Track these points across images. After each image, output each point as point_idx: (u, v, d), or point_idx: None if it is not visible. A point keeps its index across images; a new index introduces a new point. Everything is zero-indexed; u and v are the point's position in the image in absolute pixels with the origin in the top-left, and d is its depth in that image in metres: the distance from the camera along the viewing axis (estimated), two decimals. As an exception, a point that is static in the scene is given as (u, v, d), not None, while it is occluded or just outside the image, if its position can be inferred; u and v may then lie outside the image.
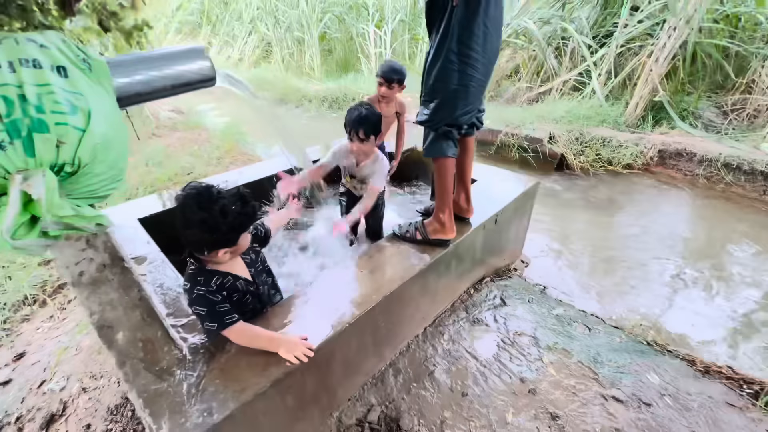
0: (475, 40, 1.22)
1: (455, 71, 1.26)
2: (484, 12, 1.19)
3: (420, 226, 1.54)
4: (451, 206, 1.51)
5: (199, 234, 0.94)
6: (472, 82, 1.30)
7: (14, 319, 2.08)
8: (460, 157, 1.59)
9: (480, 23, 1.20)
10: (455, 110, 1.33)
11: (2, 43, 0.92)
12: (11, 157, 0.81)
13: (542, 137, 3.69)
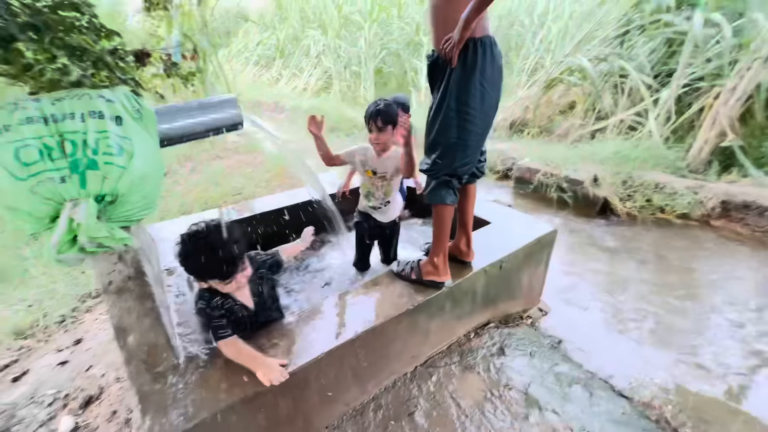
0: (472, 98, 1.30)
1: (454, 126, 1.35)
2: (481, 73, 1.27)
3: (416, 266, 1.59)
4: (446, 251, 1.56)
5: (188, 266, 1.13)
6: (470, 137, 1.37)
7: (80, 308, 2.47)
8: (462, 202, 1.64)
9: (476, 83, 1.28)
10: (454, 161, 1.41)
11: (81, 98, 1.21)
12: (68, 188, 1.06)
13: (584, 179, 3.53)
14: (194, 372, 1.17)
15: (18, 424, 1.73)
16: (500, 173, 4.58)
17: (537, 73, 6.52)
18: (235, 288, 1.22)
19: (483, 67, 1.25)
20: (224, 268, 1.14)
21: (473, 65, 1.24)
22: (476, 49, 1.22)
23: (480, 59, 1.23)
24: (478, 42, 1.22)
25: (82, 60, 1.43)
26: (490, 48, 1.25)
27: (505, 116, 6.17)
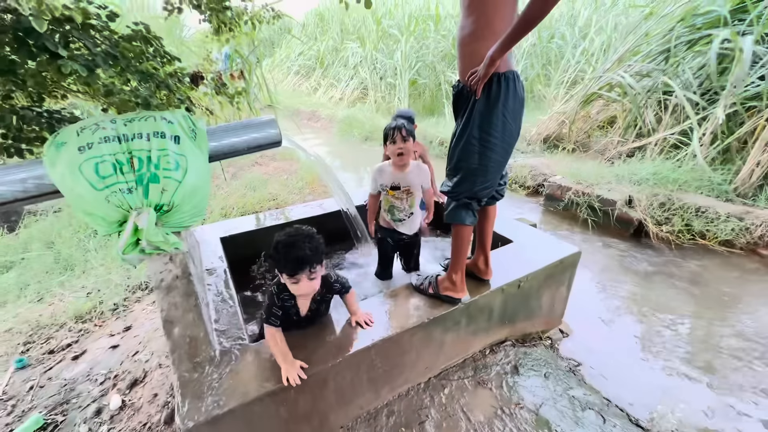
0: (494, 128, 1.37)
1: (476, 153, 1.42)
2: (503, 105, 1.35)
3: (433, 282, 1.67)
4: (464, 268, 1.62)
5: (272, 256, 1.32)
6: (491, 163, 1.44)
7: (131, 299, 2.74)
8: (481, 223, 1.70)
9: (499, 114, 1.35)
10: (474, 185, 1.48)
11: (147, 120, 1.41)
12: (134, 198, 1.24)
13: (617, 199, 3.43)
14: (227, 365, 1.31)
15: (76, 398, 1.97)
16: (530, 189, 4.53)
17: (576, 87, 6.39)
18: (299, 292, 1.33)
19: (506, 99, 1.33)
20: (292, 264, 1.26)
21: (497, 98, 1.32)
22: (500, 82, 1.30)
23: (503, 92, 1.31)
24: (502, 76, 1.30)
25: (148, 82, 1.65)
26: (513, 82, 1.32)
27: (540, 131, 6.09)
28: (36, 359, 2.24)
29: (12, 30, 1.26)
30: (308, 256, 1.27)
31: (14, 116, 1.53)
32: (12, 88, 1.51)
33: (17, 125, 1.54)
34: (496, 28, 1.25)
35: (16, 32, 1.28)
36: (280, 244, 1.30)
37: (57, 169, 1.24)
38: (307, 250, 1.27)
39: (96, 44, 1.53)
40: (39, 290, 2.76)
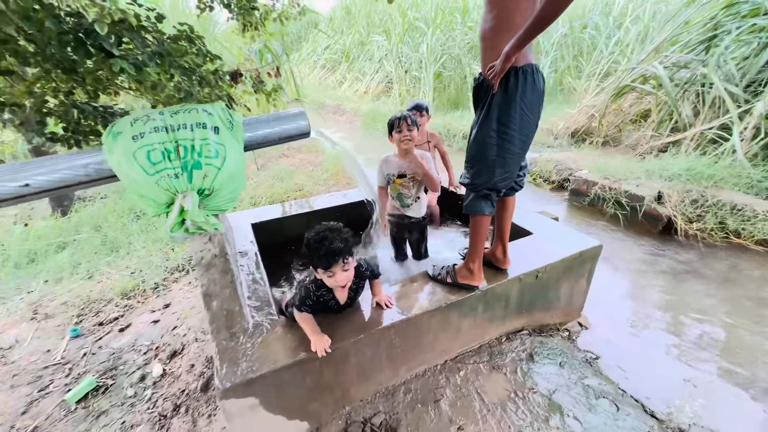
0: (512, 120, 1.41)
1: (494, 145, 1.46)
2: (521, 98, 1.38)
3: (451, 271, 1.73)
4: (482, 257, 1.67)
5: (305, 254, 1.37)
6: (509, 155, 1.48)
7: (169, 279, 2.96)
8: (500, 214, 1.74)
9: (517, 107, 1.39)
10: (493, 176, 1.52)
11: (191, 112, 1.54)
12: (180, 182, 1.38)
13: (645, 195, 3.34)
14: (260, 336, 1.44)
15: (123, 365, 2.19)
16: (555, 184, 4.47)
17: (608, 79, 6.17)
18: (336, 284, 1.39)
19: (523, 92, 1.36)
20: (326, 258, 1.31)
21: (514, 91, 1.36)
22: (518, 76, 1.33)
23: (521, 85, 1.34)
24: (520, 70, 1.33)
25: (191, 79, 1.79)
26: (532, 75, 1.35)
27: (568, 124, 5.94)
28: (88, 330, 2.48)
29: (74, 32, 1.41)
30: (340, 249, 1.32)
31: (75, 110, 1.71)
32: (73, 85, 1.68)
33: (77, 119, 1.72)
34: (515, 22, 1.28)
35: (77, 33, 1.43)
36: (311, 240, 1.34)
37: (114, 156, 1.39)
38: (338, 243, 1.32)
39: (145, 44, 1.68)
40: (89, 269, 3.03)
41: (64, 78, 1.58)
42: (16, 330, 2.48)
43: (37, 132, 1.58)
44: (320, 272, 1.36)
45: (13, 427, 1.84)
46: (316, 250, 1.33)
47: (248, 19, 2.35)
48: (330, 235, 1.34)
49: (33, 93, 1.54)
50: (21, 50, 1.34)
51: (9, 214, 4.02)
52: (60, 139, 1.68)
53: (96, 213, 3.71)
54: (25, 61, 1.38)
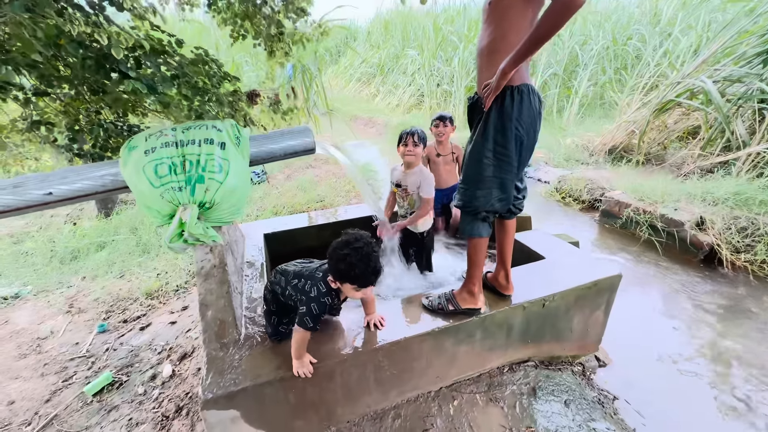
0: (508, 140, 1.36)
1: (490, 166, 1.41)
2: (517, 119, 1.33)
3: (451, 297, 1.65)
4: (481, 279, 1.60)
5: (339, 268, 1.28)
6: (507, 176, 1.42)
7: (190, 282, 3.11)
8: (499, 237, 1.67)
9: (513, 128, 1.34)
10: (490, 198, 1.46)
11: (201, 128, 1.63)
12: (183, 195, 1.45)
13: (685, 220, 3.06)
14: (249, 348, 1.46)
15: (138, 363, 2.31)
16: (586, 203, 4.22)
17: (653, 93, 5.79)
18: (359, 296, 1.36)
19: (519, 113, 1.31)
20: (373, 278, 1.27)
21: (510, 110, 1.31)
22: (513, 96, 1.29)
23: (516, 106, 1.29)
24: (515, 90, 1.28)
25: (210, 101, 1.90)
26: (528, 95, 1.30)
27: (605, 141, 5.63)
28: (113, 326, 2.66)
29: (95, 56, 1.55)
30: (381, 268, 1.29)
31: (100, 129, 1.86)
32: (101, 105, 1.84)
33: (104, 136, 1.87)
34: (511, 40, 1.24)
35: (98, 57, 1.56)
36: (354, 257, 1.24)
37: (127, 169, 1.49)
38: (380, 261, 1.29)
39: (164, 67, 1.80)
40: (122, 268, 3.26)
41: (93, 99, 1.74)
42: (53, 321, 2.71)
43: (67, 148, 1.74)
44: (349, 286, 1.30)
45: (36, 413, 1.99)
46: (364, 268, 1.25)
47: (276, 45, 2.47)
48: (375, 254, 1.28)
49: (67, 112, 1.71)
50: (47, 73, 1.49)
51: (62, 214, 4.44)
52: (87, 155, 1.84)
53: (134, 216, 4.00)
54: (50, 83, 1.53)
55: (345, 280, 1.29)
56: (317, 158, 5.83)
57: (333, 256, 1.30)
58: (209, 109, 1.79)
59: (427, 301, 1.71)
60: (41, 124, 1.68)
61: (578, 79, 7.29)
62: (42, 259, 3.41)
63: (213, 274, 1.56)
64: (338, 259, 1.27)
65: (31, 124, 1.77)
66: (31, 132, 1.81)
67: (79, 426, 1.90)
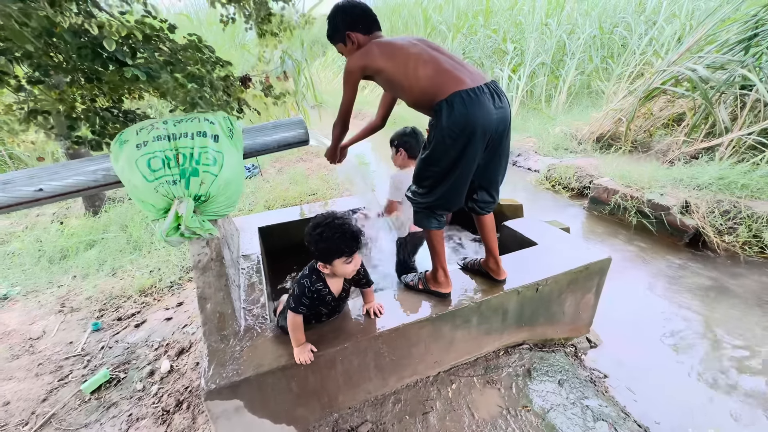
0: (440, 152, 1.39)
1: (436, 170, 1.45)
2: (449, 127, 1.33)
3: (423, 278, 1.73)
4: (445, 267, 1.66)
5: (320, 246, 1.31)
6: (445, 170, 1.44)
7: (184, 278, 3.09)
8: (480, 230, 1.72)
9: (448, 136, 1.35)
10: (433, 197, 1.51)
11: (193, 121, 1.61)
12: (177, 189, 1.44)
13: (671, 205, 3.15)
14: (249, 339, 1.47)
15: (135, 359, 2.30)
16: (575, 191, 4.29)
17: (639, 81, 5.88)
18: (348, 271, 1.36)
19: (447, 124, 1.33)
20: (353, 243, 1.30)
21: (441, 125, 1.35)
22: (441, 110, 1.33)
23: (446, 119, 1.32)
24: (444, 103, 1.32)
25: (203, 85, 1.87)
26: (460, 104, 1.31)
27: (592, 129, 5.71)
28: (107, 324, 2.63)
29: (90, 45, 1.51)
30: (359, 231, 1.32)
31: (97, 116, 1.83)
32: (96, 93, 1.80)
33: (100, 123, 1.84)
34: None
35: (94, 46, 1.53)
36: (328, 231, 1.28)
37: (119, 163, 1.47)
38: (357, 227, 1.32)
39: (158, 54, 1.77)
40: (113, 266, 3.22)
41: (88, 86, 1.71)
42: (45, 322, 2.67)
43: (65, 136, 1.71)
44: (338, 262, 1.32)
45: (33, 413, 1.98)
46: (340, 236, 1.28)
47: (264, 27, 2.44)
48: (346, 221, 1.31)
49: (64, 100, 1.67)
50: (43, 63, 1.46)
51: (48, 213, 4.34)
52: (84, 142, 1.81)
53: (123, 213, 3.93)
54: (46, 72, 1.50)
55: (332, 257, 1.32)
56: (308, 151, 5.79)
57: (310, 240, 1.33)
58: (204, 95, 1.76)
59: (405, 278, 1.82)
60: (38, 113, 1.65)
61: (566, 68, 7.34)
62: (30, 259, 3.34)
63: (210, 267, 1.56)
64: (315, 240, 1.31)
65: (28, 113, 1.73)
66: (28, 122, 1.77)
67: (78, 424, 1.89)
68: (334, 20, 1.58)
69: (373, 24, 1.58)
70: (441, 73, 1.35)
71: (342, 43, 1.59)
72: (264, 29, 2.37)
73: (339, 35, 1.59)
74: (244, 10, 2.33)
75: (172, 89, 1.84)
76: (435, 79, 1.35)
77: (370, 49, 1.48)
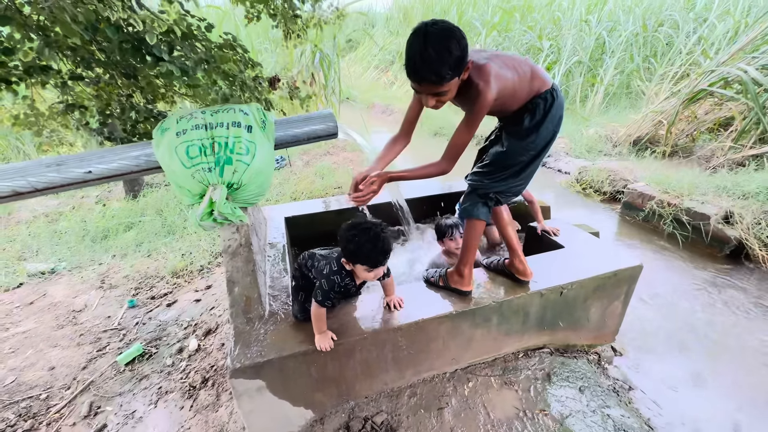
0: (542, 138, 1.44)
1: (524, 159, 1.48)
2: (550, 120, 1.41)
3: (443, 274, 1.73)
4: (473, 263, 1.65)
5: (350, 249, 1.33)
6: (524, 165, 1.48)
7: (213, 263, 3.22)
8: (499, 225, 1.72)
9: (549, 128, 1.42)
10: (504, 183, 1.52)
11: (228, 111, 1.67)
12: (212, 176, 1.51)
13: (711, 214, 2.97)
14: (273, 324, 1.53)
15: (166, 337, 2.43)
16: (607, 195, 4.13)
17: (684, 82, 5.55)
18: (371, 278, 1.40)
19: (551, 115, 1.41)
20: (381, 258, 1.33)
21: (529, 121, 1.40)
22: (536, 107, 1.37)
23: (541, 114, 1.38)
24: (539, 99, 1.37)
25: (234, 84, 1.95)
26: (552, 100, 1.38)
27: (630, 131, 5.45)
28: (142, 302, 2.79)
29: (132, 40, 1.61)
30: (391, 248, 1.34)
31: (131, 112, 1.93)
32: (133, 89, 1.91)
33: (133, 121, 1.94)
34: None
35: (135, 42, 1.62)
36: (362, 238, 1.30)
37: (160, 150, 1.56)
38: (390, 243, 1.34)
39: (194, 51, 1.85)
40: (149, 248, 3.41)
41: (126, 83, 1.81)
42: (87, 296, 2.86)
43: (99, 132, 1.82)
44: (360, 267, 1.35)
45: (75, 378, 2.14)
46: (371, 248, 1.30)
47: (291, 27, 2.49)
48: (384, 235, 1.34)
49: (100, 97, 1.78)
50: (86, 57, 1.56)
51: (92, 195, 4.63)
52: (116, 139, 1.92)
53: (160, 198, 4.14)
54: (89, 66, 1.60)
55: (356, 261, 1.35)
56: (335, 145, 5.87)
57: (342, 236, 1.36)
58: (234, 93, 1.83)
59: (426, 273, 1.81)
60: (75, 108, 1.77)
61: (604, 67, 7.04)
62: (75, 238, 3.58)
63: (239, 253, 1.62)
64: (347, 239, 1.33)
65: (66, 107, 1.86)
66: (65, 115, 1.90)
67: (113, 392, 2.03)
68: (457, 48, 1.11)
69: None
70: (534, 70, 1.38)
71: (458, 75, 1.18)
72: (290, 29, 2.41)
73: (462, 65, 1.17)
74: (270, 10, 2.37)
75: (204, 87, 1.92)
76: (534, 75, 1.38)
77: (491, 69, 1.24)
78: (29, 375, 2.17)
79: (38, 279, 3.07)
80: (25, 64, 1.57)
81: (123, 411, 1.92)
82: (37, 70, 1.60)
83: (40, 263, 3.22)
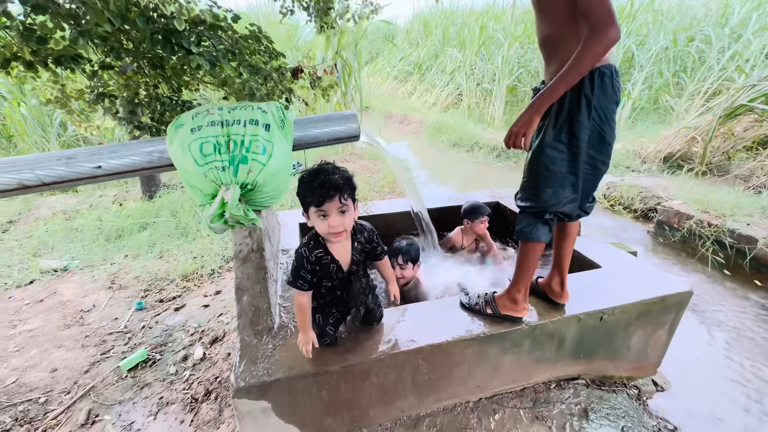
0: (583, 131, 1.20)
1: (564, 160, 1.26)
2: (596, 107, 1.17)
3: (490, 300, 1.53)
4: (528, 286, 1.46)
5: (298, 190, 1.23)
6: (580, 172, 1.27)
7: (224, 267, 3.14)
8: (559, 241, 1.51)
9: (592, 116, 1.18)
10: (559, 197, 1.30)
11: (246, 109, 1.59)
12: (226, 175, 1.41)
13: (759, 236, 2.73)
14: (283, 338, 1.40)
15: (172, 343, 2.33)
16: (638, 213, 3.90)
17: (717, 99, 5.29)
18: (327, 230, 1.20)
19: (599, 99, 1.15)
20: (320, 191, 1.16)
21: (590, 97, 1.15)
22: (593, 80, 1.13)
23: (597, 91, 1.14)
24: (596, 72, 1.13)
25: (257, 75, 1.88)
26: (610, 79, 1.14)
27: (660, 147, 5.21)
28: (150, 304, 2.71)
29: (162, 31, 1.55)
30: (337, 182, 1.15)
31: (158, 103, 1.88)
32: (159, 80, 1.86)
33: (160, 110, 1.90)
34: (570, 29, 1.10)
35: (165, 33, 1.56)
36: (305, 174, 1.22)
37: (173, 146, 1.47)
38: (336, 176, 1.16)
39: (221, 42, 1.80)
40: (161, 249, 3.35)
41: (153, 73, 1.76)
42: (96, 296, 2.81)
43: (128, 120, 1.77)
44: (312, 214, 1.21)
45: (76, 382, 2.05)
46: (309, 183, 1.17)
47: (325, 20, 2.44)
48: (328, 168, 1.20)
49: (129, 86, 1.74)
50: (117, 46, 1.51)
51: (110, 194, 4.65)
52: (145, 127, 1.87)
53: (175, 200, 4.12)
54: (119, 55, 1.55)
55: (304, 206, 1.23)
56: (352, 153, 5.80)
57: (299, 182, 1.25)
58: (256, 83, 1.76)
59: (466, 299, 1.59)
60: (105, 97, 1.73)
61: (632, 81, 6.82)
62: (90, 236, 3.57)
63: (251, 259, 1.51)
64: (298, 184, 1.23)
65: (97, 96, 1.83)
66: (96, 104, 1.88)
67: (113, 399, 1.93)
68: None
69: None
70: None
71: None
72: (324, 21, 2.36)
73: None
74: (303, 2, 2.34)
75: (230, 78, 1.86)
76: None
77: None
78: (31, 376, 2.09)
79: (50, 276, 3.04)
80: (56, 53, 1.54)
81: (121, 421, 1.81)
82: (67, 59, 1.57)
83: (53, 260, 3.20)
